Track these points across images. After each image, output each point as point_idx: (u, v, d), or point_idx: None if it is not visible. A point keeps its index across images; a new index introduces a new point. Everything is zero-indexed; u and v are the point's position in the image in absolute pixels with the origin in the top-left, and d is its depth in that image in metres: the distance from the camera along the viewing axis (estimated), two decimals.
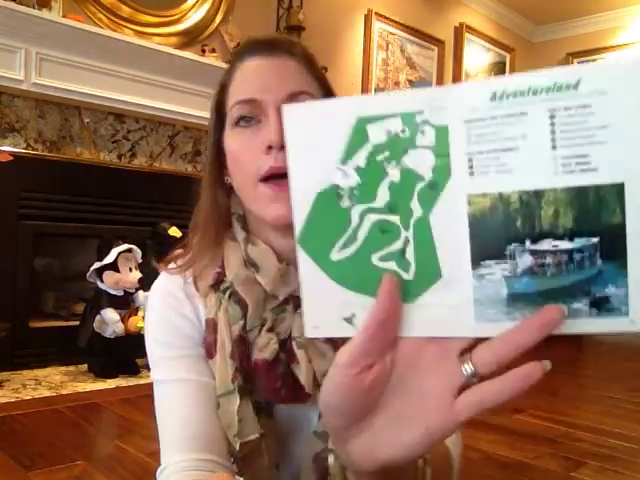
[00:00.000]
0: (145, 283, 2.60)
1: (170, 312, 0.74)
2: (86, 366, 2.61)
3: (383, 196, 0.36)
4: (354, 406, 0.38)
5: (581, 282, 0.34)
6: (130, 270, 2.58)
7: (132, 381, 2.49)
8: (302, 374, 0.66)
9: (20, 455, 1.66)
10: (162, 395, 0.71)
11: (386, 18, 4.31)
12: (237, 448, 0.66)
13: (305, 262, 0.38)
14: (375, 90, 4.27)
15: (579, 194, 0.32)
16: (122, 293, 2.56)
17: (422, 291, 0.36)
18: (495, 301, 0.35)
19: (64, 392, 2.30)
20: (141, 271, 2.61)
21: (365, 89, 4.21)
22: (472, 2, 5.04)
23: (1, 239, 2.60)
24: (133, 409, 2.12)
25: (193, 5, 3.24)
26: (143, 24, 3.05)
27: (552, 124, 0.32)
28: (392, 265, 0.36)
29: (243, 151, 0.68)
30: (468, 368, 0.36)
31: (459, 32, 4.92)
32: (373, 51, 4.24)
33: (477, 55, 5.14)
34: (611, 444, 1.97)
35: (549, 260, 0.34)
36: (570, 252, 0.33)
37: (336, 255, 0.37)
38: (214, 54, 3.19)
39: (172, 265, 0.76)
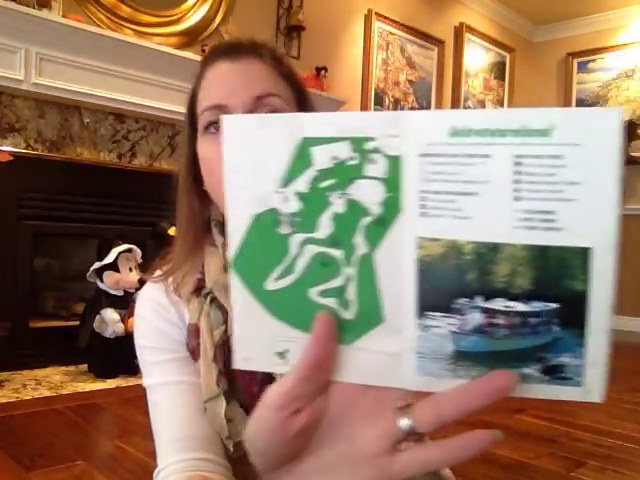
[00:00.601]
0: (145, 283, 2.59)
1: (156, 318, 0.75)
2: (86, 366, 2.61)
3: (325, 227, 0.32)
4: (280, 451, 0.35)
5: (535, 348, 0.31)
6: (130, 270, 2.58)
7: (132, 381, 2.49)
8: (279, 377, 0.66)
9: (20, 455, 1.65)
10: (155, 398, 0.72)
11: (386, 18, 4.31)
12: (231, 449, 0.66)
13: (238, 289, 0.34)
14: (375, 90, 4.27)
15: (540, 254, 0.29)
16: (122, 293, 2.56)
17: (362, 333, 0.33)
18: (439, 356, 0.32)
19: (64, 392, 2.30)
20: (141, 271, 2.61)
21: (365, 89, 4.21)
22: (472, 2, 5.04)
23: (1, 239, 2.60)
24: (133, 409, 2.12)
25: (193, 5, 3.24)
26: (143, 24, 3.05)
27: (517, 172, 0.29)
28: (332, 302, 0.33)
29: (213, 157, 0.68)
30: (406, 423, 0.32)
31: (459, 32, 4.92)
32: (373, 51, 4.24)
33: (477, 55, 5.14)
34: (611, 444, 1.97)
35: (501, 321, 0.31)
36: (525, 315, 0.30)
37: (272, 284, 0.34)
38: None
39: (158, 272, 0.77)
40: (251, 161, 0.33)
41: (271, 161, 0.32)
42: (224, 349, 0.68)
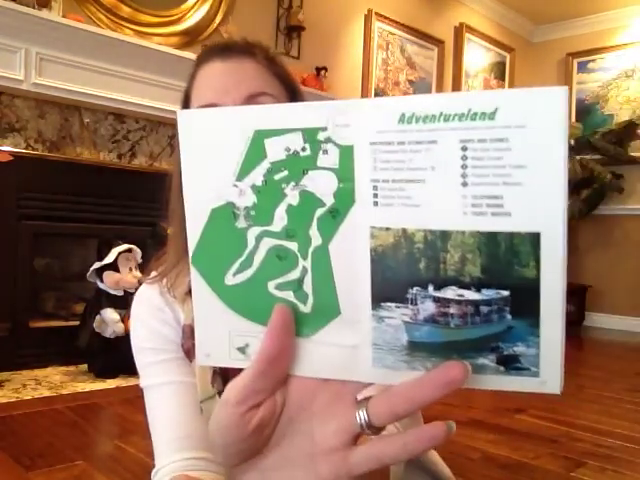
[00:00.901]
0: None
1: (152, 319, 0.75)
2: (86, 366, 2.61)
3: (280, 220, 0.32)
4: (241, 446, 0.35)
5: (488, 337, 0.30)
6: (130, 270, 2.58)
7: (132, 381, 2.49)
8: None
9: (20, 455, 1.65)
10: (152, 399, 0.72)
11: (386, 18, 4.31)
12: None
13: (198, 284, 0.35)
14: (375, 90, 4.27)
15: (489, 240, 0.29)
16: (122, 293, 2.56)
17: (320, 327, 0.33)
18: (394, 347, 0.32)
19: (64, 392, 2.30)
20: (141, 271, 2.61)
21: (365, 89, 4.21)
22: (472, 2, 5.04)
23: (1, 239, 2.60)
24: (133, 409, 2.12)
25: (193, 5, 3.24)
26: (143, 24, 3.05)
27: (464, 157, 0.28)
28: (289, 295, 0.33)
29: None
30: (362, 416, 0.32)
31: (459, 32, 4.92)
32: (373, 51, 4.24)
33: (477, 55, 5.14)
34: (611, 444, 1.97)
35: (453, 310, 0.30)
36: (477, 304, 0.30)
37: (231, 279, 0.34)
38: None
39: (153, 273, 0.77)
40: (207, 155, 0.33)
41: (226, 155, 0.32)
42: None
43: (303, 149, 0.31)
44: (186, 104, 0.73)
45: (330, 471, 0.33)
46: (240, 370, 0.41)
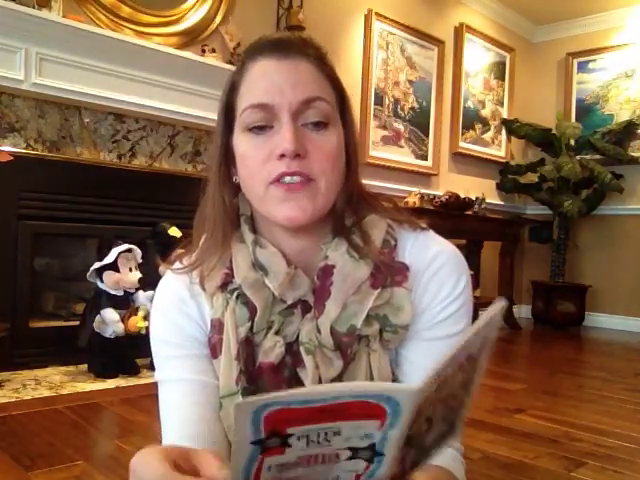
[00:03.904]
0: (145, 283, 2.60)
1: (175, 312, 0.74)
2: (86, 366, 2.61)
3: None
4: None
5: None
6: (130, 270, 2.58)
7: (132, 381, 2.49)
8: (308, 380, 0.66)
9: (20, 455, 1.65)
10: (165, 394, 0.72)
11: (386, 18, 4.31)
12: None
13: None
14: (375, 90, 4.27)
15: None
16: (122, 293, 2.56)
17: None
18: None
19: (64, 392, 2.30)
20: (141, 271, 2.61)
21: (365, 89, 4.21)
22: (472, 2, 5.04)
23: (1, 239, 2.60)
24: (133, 409, 2.12)
25: (193, 5, 3.24)
26: (143, 24, 3.05)
27: None
28: None
29: (254, 156, 0.67)
30: None
31: (459, 32, 4.92)
32: (373, 51, 4.24)
33: (477, 55, 5.14)
34: (611, 444, 1.97)
35: None
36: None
37: None
38: (214, 54, 3.19)
39: (177, 264, 0.76)
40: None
41: None
42: (247, 347, 0.68)
43: None
44: (232, 96, 0.72)
45: None
46: (275, 371, 0.43)
